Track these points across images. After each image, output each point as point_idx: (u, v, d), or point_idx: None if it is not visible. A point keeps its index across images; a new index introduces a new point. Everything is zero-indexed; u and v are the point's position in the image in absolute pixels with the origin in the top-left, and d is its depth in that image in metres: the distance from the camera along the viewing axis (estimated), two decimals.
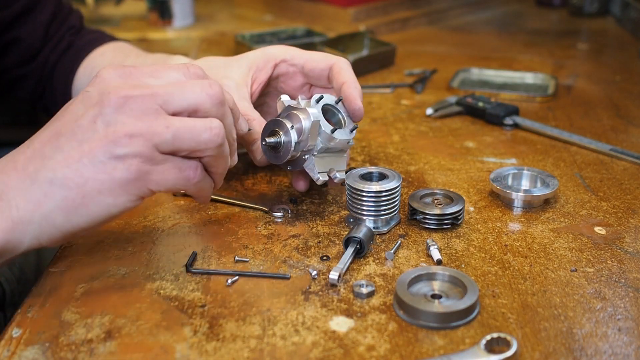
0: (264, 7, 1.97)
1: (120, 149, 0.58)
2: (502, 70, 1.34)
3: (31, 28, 1.04)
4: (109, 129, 0.58)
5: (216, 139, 0.62)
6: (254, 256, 0.71)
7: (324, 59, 0.82)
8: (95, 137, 0.58)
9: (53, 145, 0.59)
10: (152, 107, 0.59)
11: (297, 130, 0.72)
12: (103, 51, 1.06)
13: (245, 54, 0.84)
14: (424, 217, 0.75)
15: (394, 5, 1.79)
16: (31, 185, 0.59)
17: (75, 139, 0.59)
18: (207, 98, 0.62)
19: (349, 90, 0.77)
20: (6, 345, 0.58)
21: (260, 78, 0.83)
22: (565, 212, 0.80)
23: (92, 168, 0.58)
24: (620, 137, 1.02)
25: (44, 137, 0.61)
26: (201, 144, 0.61)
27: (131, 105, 0.59)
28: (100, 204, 0.59)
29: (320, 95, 0.75)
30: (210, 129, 0.61)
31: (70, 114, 0.60)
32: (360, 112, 0.77)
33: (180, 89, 0.61)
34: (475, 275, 0.68)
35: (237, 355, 0.57)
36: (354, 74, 0.80)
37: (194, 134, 0.60)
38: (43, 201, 0.59)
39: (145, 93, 0.59)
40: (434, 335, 0.59)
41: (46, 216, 0.59)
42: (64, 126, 0.60)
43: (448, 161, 0.94)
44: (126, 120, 0.58)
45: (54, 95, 1.08)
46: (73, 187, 0.58)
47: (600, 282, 0.67)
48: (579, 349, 0.58)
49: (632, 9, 1.67)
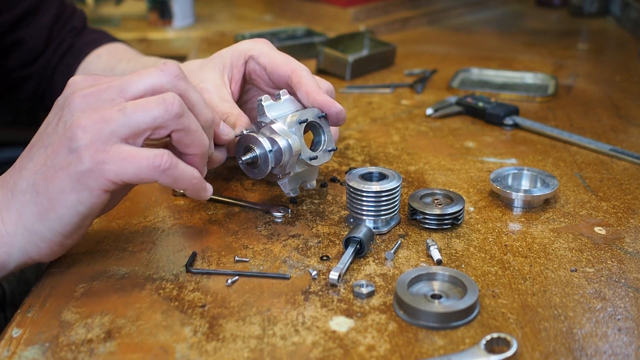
0: (264, 7, 1.97)
1: (74, 142, 0.58)
2: (502, 70, 1.34)
3: (34, 30, 1.04)
4: (66, 127, 0.59)
5: (172, 108, 0.60)
6: (254, 256, 0.71)
7: (284, 64, 0.77)
8: (57, 138, 0.59)
9: (27, 156, 0.62)
10: (109, 97, 0.60)
11: (275, 154, 0.71)
12: (99, 53, 1.06)
13: (218, 52, 0.82)
14: (424, 217, 0.75)
15: (394, 5, 1.79)
16: (12, 198, 0.61)
17: (42, 145, 0.61)
18: (164, 75, 0.62)
19: (319, 98, 0.73)
20: (6, 345, 0.58)
21: (236, 76, 0.81)
22: (565, 212, 0.80)
23: (53, 168, 0.59)
24: (620, 137, 1.02)
25: (24, 151, 0.63)
26: (157, 118, 0.59)
27: (89, 101, 0.59)
28: (66, 204, 0.59)
29: (305, 119, 0.73)
30: (164, 100, 0.60)
31: (44, 124, 0.63)
32: (342, 114, 0.74)
33: (138, 75, 0.61)
34: (475, 275, 0.68)
35: (237, 355, 0.57)
36: (314, 79, 0.76)
37: (147, 109, 0.59)
38: (22, 211, 0.60)
39: (103, 86, 0.60)
40: (434, 335, 0.59)
41: (26, 225, 0.60)
42: (37, 136, 0.62)
43: (448, 161, 0.94)
44: (82, 115, 0.59)
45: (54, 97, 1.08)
46: (41, 192, 0.59)
47: (600, 282, 0.67)
48: (579, 349, 0.58)
49: (632, 9, 1.67)
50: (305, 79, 0.75)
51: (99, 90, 0.60)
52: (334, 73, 1.31)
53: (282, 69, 0.77)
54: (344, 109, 0.75)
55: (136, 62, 0.99)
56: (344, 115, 0.74)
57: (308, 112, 0.74)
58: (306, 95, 0.74)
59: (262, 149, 0.71)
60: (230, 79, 0.80)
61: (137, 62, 0.98)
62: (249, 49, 0.80)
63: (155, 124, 0.60)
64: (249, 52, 0.79)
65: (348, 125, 1.08)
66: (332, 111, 0.74)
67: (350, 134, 1.04)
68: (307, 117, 0.73)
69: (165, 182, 0.61)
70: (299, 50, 1.40)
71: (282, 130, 0.72)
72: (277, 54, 0.79)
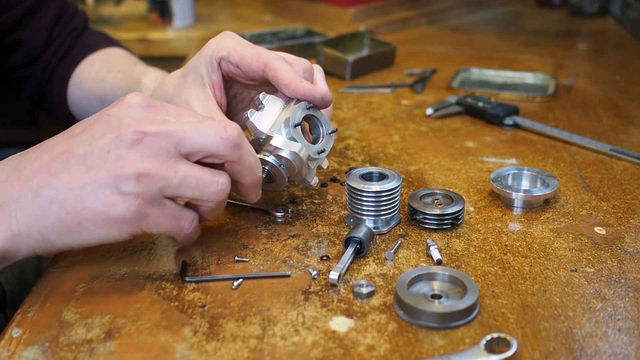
0: (264, 7, 1.97)
1: (126, 186, 0.58)
2: (502, 70, 1.34)
3: (34, 30, 1.04)
4: (119, 163, 0.58)
5: (220, 195, 0.62)
6: (254, 256, 0.71)
7: (255, 59, 0.74)
8: (104, 168, 0.58)
9: (62, 163, 0.59)
10: (165, 147, 0.59)
11: (285, 166, 0.71)
12: (93, 60, 1.05)
13: (190, 63, 0.80)
14: (424, 217, 0.75)
15: (394, 5, 1.79)
16: (32, 200, 0.59)
17: (84, 164, 0.59)
18: (221, 142, 0.61)
19: (299, 89, 0.72)
20: (6, 345, 0.58)
21: (217, 82, 0.79)
22: (565, 212, 0.80)
23: (93, 198, 0.58)
24: (620, 137, 1.02)
25: (55, 152, 0.60)
26: (204, 195, 0.62)
27: (146, 143, 0.59)
28: (92, 234, 0.60)
29: (300, 121, 0.72)
30: (217, 184, 0.62)
31: (86, 134, 0.60)
32: (327, 97, 0.73)
33: (196, 131, 0.61)
34: (475, 275, 0.68)
35: (237, 355, 0.57)
36: (288, 67, 0.73)
37: (200, 185, 0.61)
38: (40, 218, 0.59)
39: (161, 131, 0.59)
40: (434, 335, 0.59)
41: (42, 232, 0.60)
42: (77, 146, 0.60)
43: (448, 161, 0.94)
44: (137, 158, 0.58)
45: (53, 98, 1.08)
46: (70, 212, 0.59)
47: (600, 282, 0.67)
48: (579, 349, 0.58)
49: (632, 9, 1.67)
50: (280, 71, 0.73)
51: (156, 134, 0.59)
52: (334, 73, 1.31)
53: (253, 64, 0.75)
54: (327, 90, 0.74)
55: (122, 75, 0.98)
56: (330, 97, 0.73)
57: (297, 110, 0.73)
58: (286, 89, 0.73)
59: (272, 166, 0.72)
60: (212, 87, 0.78)
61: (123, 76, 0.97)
62: (218, 50, 0.77)
63: (200, 199, 0.62)
64: (219, 54, 0.77)
65: (348, 125, 1.08)
66: (316, 98, 0.73)
67: (350, 134, 1.04)
68: (299, 117, 0.73)
69: (177, 239, 0.65)
70: (299, 50, 1.40)
71: (283, 143, 0.71)
72: (246, 49, 0.76)
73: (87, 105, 1.03)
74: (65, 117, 1.09)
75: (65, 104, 1.07)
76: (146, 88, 0.88)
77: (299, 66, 0.76)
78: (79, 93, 1.05)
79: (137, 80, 0.93)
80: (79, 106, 1.06)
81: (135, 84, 0.92)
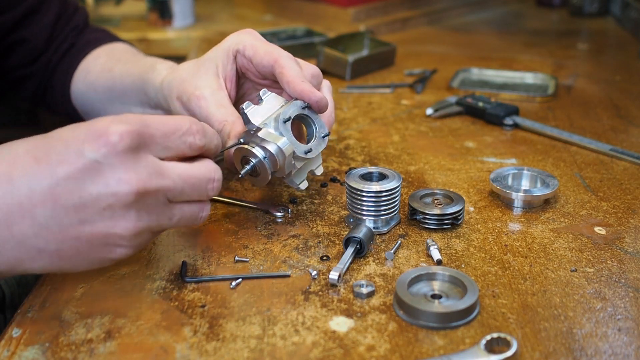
0: (264, 7, 1.97)
1: (124, 241, 0.58)
2: (502, 70, 1.34)
3: (36, 29, 1.04)
4: (116, 223, 0.57)
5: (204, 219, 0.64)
6: (254, 256, 0.71)
7: (267, 54, 0.76)
8: (100, 225, 0.56)
9: (48, 212, 0.55)
10: (161, 200, 0.59)
11: (269, 160, 0.71)
12: (98, 54, 1.06)
13: (209, 53, 0.81)
14: (424, 217, 0.75)
15: (394, 5, 1.79)
16: (16, 246, 0.56)
17: (77, 216, 0.55)
18: (212, 193, 0.63)
19: (298, 87, 0.73)
20: (6, 346, 0.58)
21: (230, 74, 0.80)
22: (565, 212, 0.80)
23: (89, 248, 0.57)
24: (620, 137, 1.02)
25: (37, 196, 0.55)
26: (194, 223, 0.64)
27: (142, 202, 0.57)
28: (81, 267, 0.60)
29: (288, 117, 0.72)
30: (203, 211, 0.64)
31: (72, 181, 0.55)
32: (322, 101, 0.73)
33: (190, 187, 0.61)
34: (475, 275, 0.68)
35: (237, 355, 0.57)
36: (297, 66, 0.75)
37: (191, 220, 0.63)
38: (26, 261, 0.57)
39: (159, 189, 0.58)
40: (434, 335, 0.59)
41: (26, 269, 0.58)
42: (64, 194, 0.55)
43: (448, 161, 0.94)
44: (135, 217, 0.57)
45: (54, 96, 1.08)
46: (65, 258, 0.57)
47: (600, 282, 0.67)
48: (579, 349, 0.58)
49: (632, 9, 1.67)
50: (287, 68, 0.74)
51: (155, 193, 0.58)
52: (334, 73, 1.31)
53: (265, 59, 0.76)
54: (323, 96, 0.74)
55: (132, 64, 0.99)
56: (325, 102, 0.74)
57: (291, 107, 0.73)
58: (287, 85, 0.74)
59: (257, 158, 0.71)
60: (225, 79, 0.80)
61: (132, 65, 0.98)
62: (236, 44, 0.79)
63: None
64: (236, 47, 0.79)
65: (348, 125, 1.08)
66: (312, 100, 0.73)
67: (350, 134, 1.04)
68: (290, 114, 0.73)
69: None
70: (299, 50, 1.40)
71: (269, 135, 0.71)
72: (261, 44, 0.78)
73: (94, 96, 1.03)
74: (67, 113, 1.09)
75: (68, 99, 1.07)
76: (159, 73, 0.89)
77: (308, 70, 0.77)
78: (84, 86, 1.05)
79: (152, 66, 0.93)
80: (84, 99, 1.06)
81: (150, 69, 0.92)
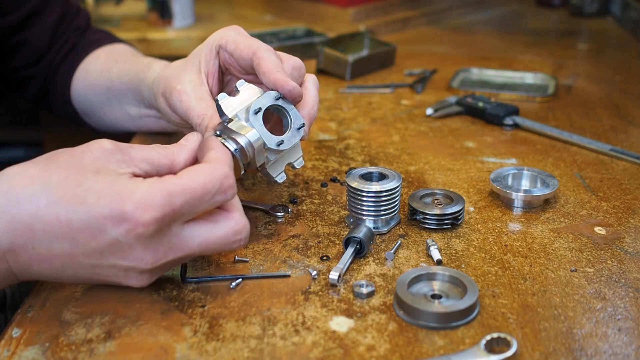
0: (264, 7, 1.97)
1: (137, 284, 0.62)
2: (502, 70, 1.34)
3: (39, 30, 1.04)
4: (131, 280, 0.61)
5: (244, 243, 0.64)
6: (254, 256, 0.71)
7: (246, 47, 0.76)
8: (114, 279, 0.61)
9: (65, 265, 0.59)
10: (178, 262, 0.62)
11: (240, 153, 0.69)
12: (98, 55, 1.06)
13: (196, 49, 0.82)
14: (424, 217, 0.75)
15: (394, 5, 1.79)
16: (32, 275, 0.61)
17: (90, 264, 0.59)
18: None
19: (272, 76, 0.72)
20: (6, 345, 0.58)
21: (212, 70, 0.80)
22: (565, 212, 0.80)
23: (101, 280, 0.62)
24: (620, 137, 1.02)
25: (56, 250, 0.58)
26: None
27: (161, 269, 0.61)
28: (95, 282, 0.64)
29: (259, 107, 0.71)
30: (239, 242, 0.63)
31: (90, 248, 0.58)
32: (295, 91, 0.72)
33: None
34: (475, 275, 0.68)
35: (237, 355, 0.57)
36: (275, 58, 0.74)
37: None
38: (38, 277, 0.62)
39: (175, 260, 0.61)
40: (434, 335, 0.59)
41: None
42: (81, 256, 0.59)
43: (448, 161, 0.94)
44: (148, 277, 0.61)
45: (56, 97, 1.09)
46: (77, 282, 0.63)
47: (600, 282, 0.67)
48: (579, 349, 0.58)
49: (632, 9, 1.67)
50: (265, 59, 0.74)
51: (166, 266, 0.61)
52: (334, 73, 1.31)
53: (244, 52, 0.76)
54: (296, 85, 0.73)
55: (130, 64, 0.99)
56: (298, 91, 0.73)
57: (263, 98, 0.72)
58: (263, 76, 0.73)
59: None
60: (207, 74, 0.80)
61: (130, 65, 0.99)
62: (219, 39, 0.79)
63: None
64: (219, 42, 0.79)
65: (348, 125, 1.08)
66: (284, 90, 0.72)
67: (350, 134, 1.04)
68: (261, 105, 0.71)
69: None
70: (299, 50, 1.40)
71: (238, 127, 0.70)
72: (242, 38, 0.77)
73: (93, 97, 1.03)
74: (67, 114, 1.09)
75: (68, 100, 1.08)
76: (154, 71, 0.89)
77: (288, 62, 0.76)
78: (83, 86, 1.05)
79: (148, 65, 0.93)
80: (83, 99, 1.06)
81: (146, 68, 0.92)
